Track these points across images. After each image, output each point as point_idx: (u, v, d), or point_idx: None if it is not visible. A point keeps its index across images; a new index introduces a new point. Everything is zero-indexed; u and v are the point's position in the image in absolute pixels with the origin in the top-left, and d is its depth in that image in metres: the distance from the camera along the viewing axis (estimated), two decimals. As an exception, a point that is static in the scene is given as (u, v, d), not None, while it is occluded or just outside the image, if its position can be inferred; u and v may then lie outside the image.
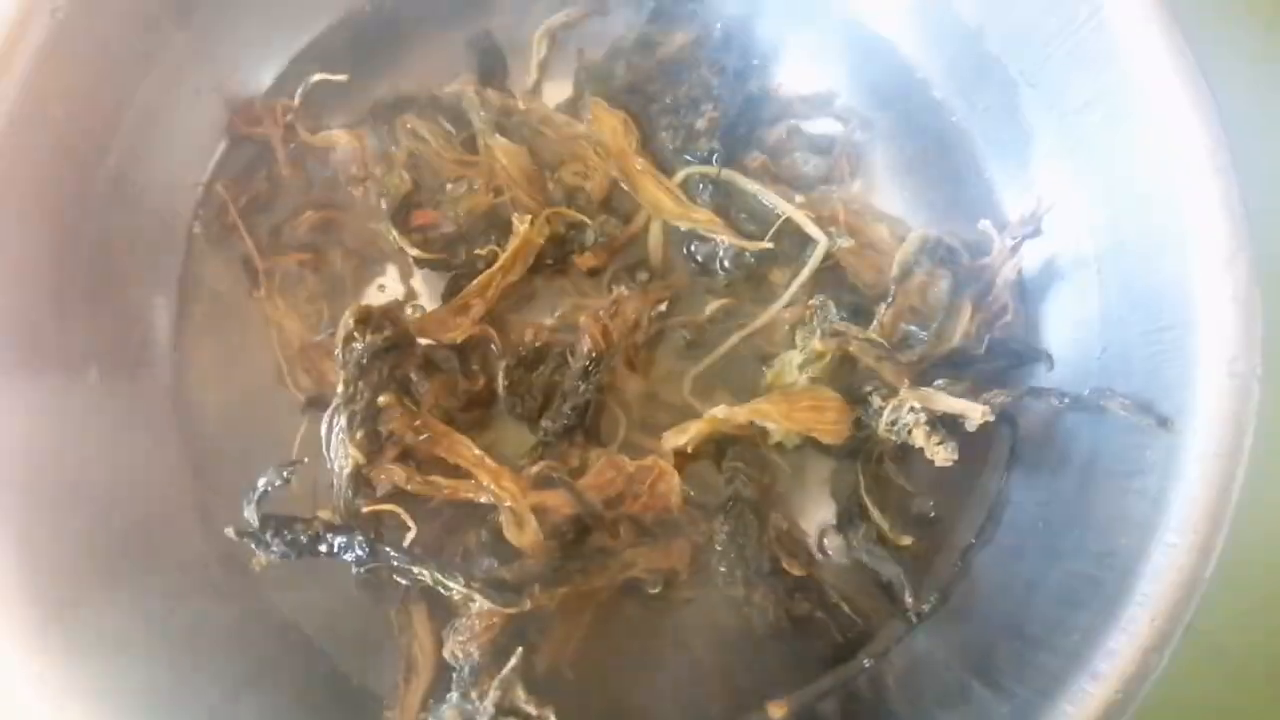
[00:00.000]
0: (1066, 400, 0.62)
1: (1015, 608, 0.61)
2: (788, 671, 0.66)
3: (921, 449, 0.63)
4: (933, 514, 0.68)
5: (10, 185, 0.59)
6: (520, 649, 0.49)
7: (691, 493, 0.66)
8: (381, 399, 0.60)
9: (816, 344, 0.65)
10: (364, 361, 0.60)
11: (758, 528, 0.66)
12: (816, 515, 0.69)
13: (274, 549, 0.56)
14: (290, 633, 0.66)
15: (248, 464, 0.66)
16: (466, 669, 0.52)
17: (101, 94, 0.64)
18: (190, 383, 0.70)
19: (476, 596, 0.54)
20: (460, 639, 0.55)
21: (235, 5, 0.69)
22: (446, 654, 0.55)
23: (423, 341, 0.66)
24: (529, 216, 0.67)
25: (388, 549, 0.56)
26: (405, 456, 0.62)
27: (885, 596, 0.67)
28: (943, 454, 0.62)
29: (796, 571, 0.66)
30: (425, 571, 0.55)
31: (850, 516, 0.67)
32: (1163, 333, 0.58)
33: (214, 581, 0.65)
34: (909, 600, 0.65)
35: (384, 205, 0.70)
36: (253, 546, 0.56)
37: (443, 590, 0.55)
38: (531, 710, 0.49)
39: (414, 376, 0.65)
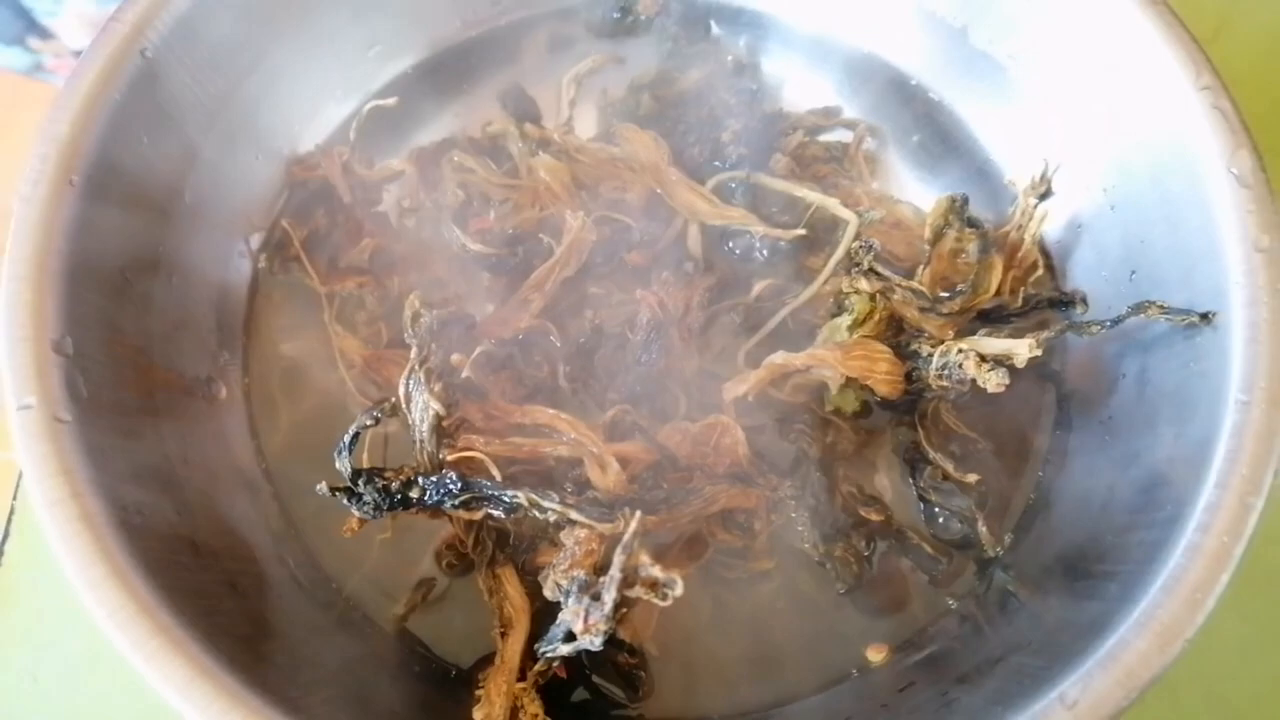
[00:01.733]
0: (1107, 324, 0.65)
1: (1098, 513, 0.61)
2: (877, 622, 0.64)
3: (971, 397, 0.66)
4: (996, 457, 0.69)
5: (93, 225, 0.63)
6: (639, 512, 0.49)
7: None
8: (454, 357, 0.62)
9: (863, 284, 0.68)
10: (435, 327, 0.63)
11: (827, 485, 0.67)
12: (881, 471, 0.70)
13: (366, 500, 0.56)
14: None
15: (317, 478, 0.69)
16: (575, 586, 0.51)
17: (180, 134, 0.69)
18: (262, 404, 0.72)
19: (573, 514, 0.54)
20: (562, 568, 0.54)
21: (291, 69, 0.77)
22: (548, 591, 0.54)
23: (481, 348, 0.69)
24: (580, 213, 0.71)
25: (480, 479, 0.56)
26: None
27: (962, 538, 0.66)
28: (995, 379, 0.63)
29: (874, 517, 0.66)
30: (520, 495, 0.55)
31: (914, 465, 0.68)
32: (1187, 236, 0.62)
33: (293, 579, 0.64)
34: (983, 531, 0.65)
35: (443, 215, 0.74)
36: (345, 502, 0.57)
37: (538, 514, 0.55)
38: (658, 574, 0.48)
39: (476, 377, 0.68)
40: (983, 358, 0.64)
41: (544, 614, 0.60)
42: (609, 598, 0.47)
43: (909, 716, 0.55)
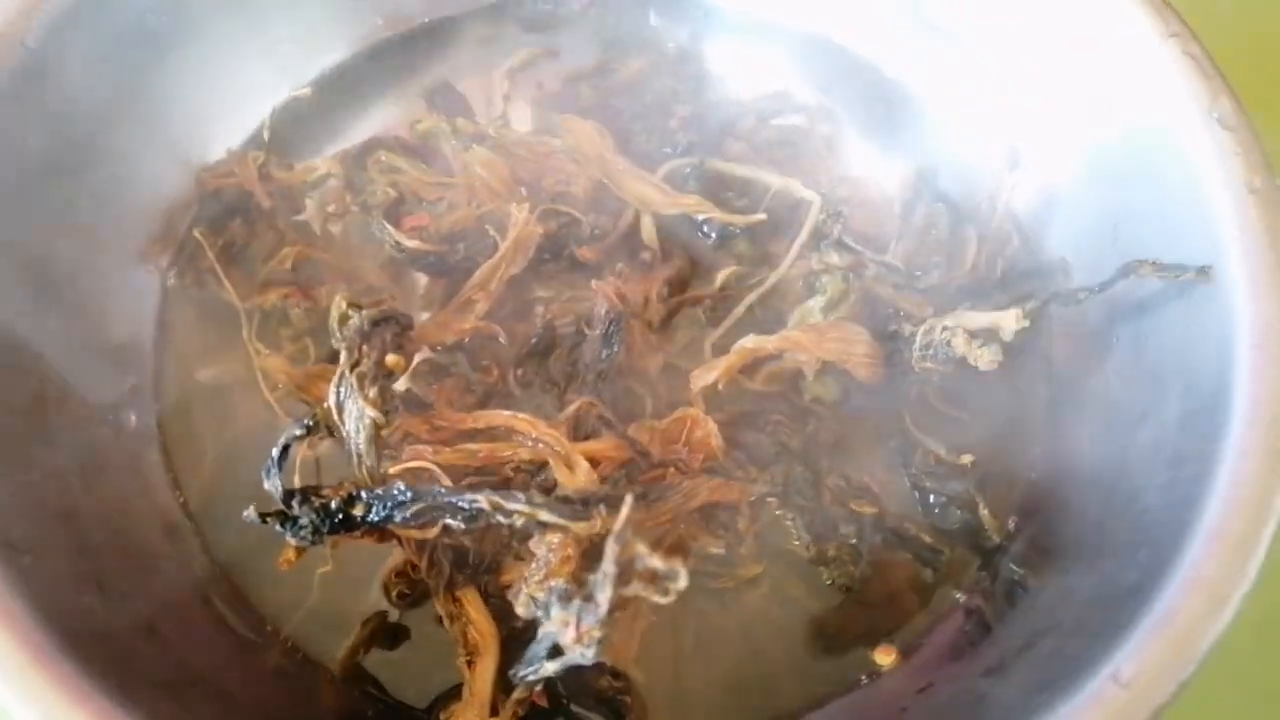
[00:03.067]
0: (1095, 290, 0.61)
1: (1113, 482, 0.56)
2: (880, 623, 0.59)
3: (956, 379, 0.62)
4: (990, 438, 0.64)
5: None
6: (631, 496, 0.42)
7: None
8: (389, 358, 0.55)
9: (834, 258, 0.63)
10: (365, 328, 0.56)
11: (812, 479, 0.62)
12: (867, 461, 0.64)
13: (302, 524, 0.49)
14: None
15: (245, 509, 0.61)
16: (555, 596, 0.44)
17: (72, 134, 0.62)
18: (177, 433, 0.64)
19: (543, 515, 0.48)
20: (536, 579, 0.47)
21: (197, 68, 0.70)
22: (522, 609, 0.47)
23: (426, 354, 0.62)
24: (525, 204, 0.65)
25: (432, 487, 0.49)
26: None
27: (962, 525, 0.61)
28: (987, 356, 0.59)
29: (867, 510, 0.61)
30: (481, 498, 0.48)
31: (904, 452, 0.63)
32: (1171, 190, 0.59)
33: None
34: (985, 515, 0.60)
35: (373, 215, 0.67)
36: (278, 528, 0.49)
37: (502, 519, 0.48)
38: (658, 565, 0.41)
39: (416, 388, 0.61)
40: (971, 334, 0.60)
41: (511, 640, 0.53)
42: (603, 597, 0.40)
43: (937, 718, 0.49)
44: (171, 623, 0.53)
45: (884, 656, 0.57)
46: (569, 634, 0.42)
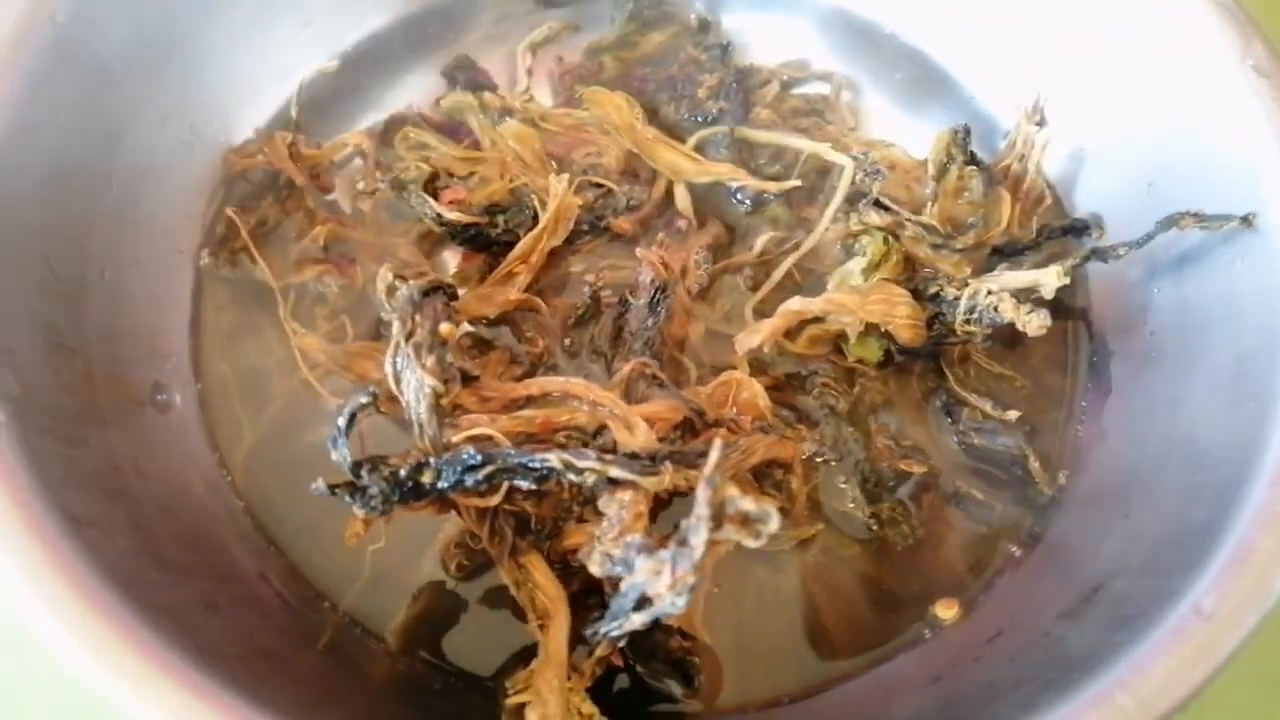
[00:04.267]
0: (1136, 244, 0.61)
1: (1166, 429, 0.56)
2: (938, 579, 0.59)
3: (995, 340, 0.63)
4: (1035, 395, 0.64)
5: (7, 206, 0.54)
6: (719, 442, 0.42)
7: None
8: (443, 327, 0.55)
9: (873, 218, 0.63)
10: (416, 298, 0.55)
11: (862, 441, 0.62)
12: (913, 421, 0.64)
13: (372, 493, 0.48)
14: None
15: (290, 487, 0.61)
16: (634, 549, 0.44)
17: (103, 113, 0.61)
18: (219, 412, 0.63)
19: (614, 471, 0.47)
20: (610, 536, 0.47)
21: (223, 46, 0.69)
22: (596, 567, 0.47)
23: (467, 328, 0.62)
24: (565, 176, 0.65)
25: (502, 449, 0.49)
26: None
27: (1012, 480, 0.62)
28: (1035, 322, 0.59)
29: (917, 469, 0.61)
30: (552, 457, 0.48)
31: (950, 410, 0.63)
32: (1208, 139, 0.60)
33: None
34: (1035, 468, 0.60)
35: (411, 190, 0.66)
36: (346, 499, 0.48)
37: (574, 477, 0.48)
38: (750, 507, 0.41)
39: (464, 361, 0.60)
40: (1018, 299, 0.60)
41: (575, 602, 0.53)
42: (698, 540, 0.40)
43: (1011, 664, 0.49)
44: (231, 599, 0.52)
45: (946, 610, 0.57)
46: (663, 581, 0.41)
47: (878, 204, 0.63)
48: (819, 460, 0.61)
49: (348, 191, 0.71)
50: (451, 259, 0.70)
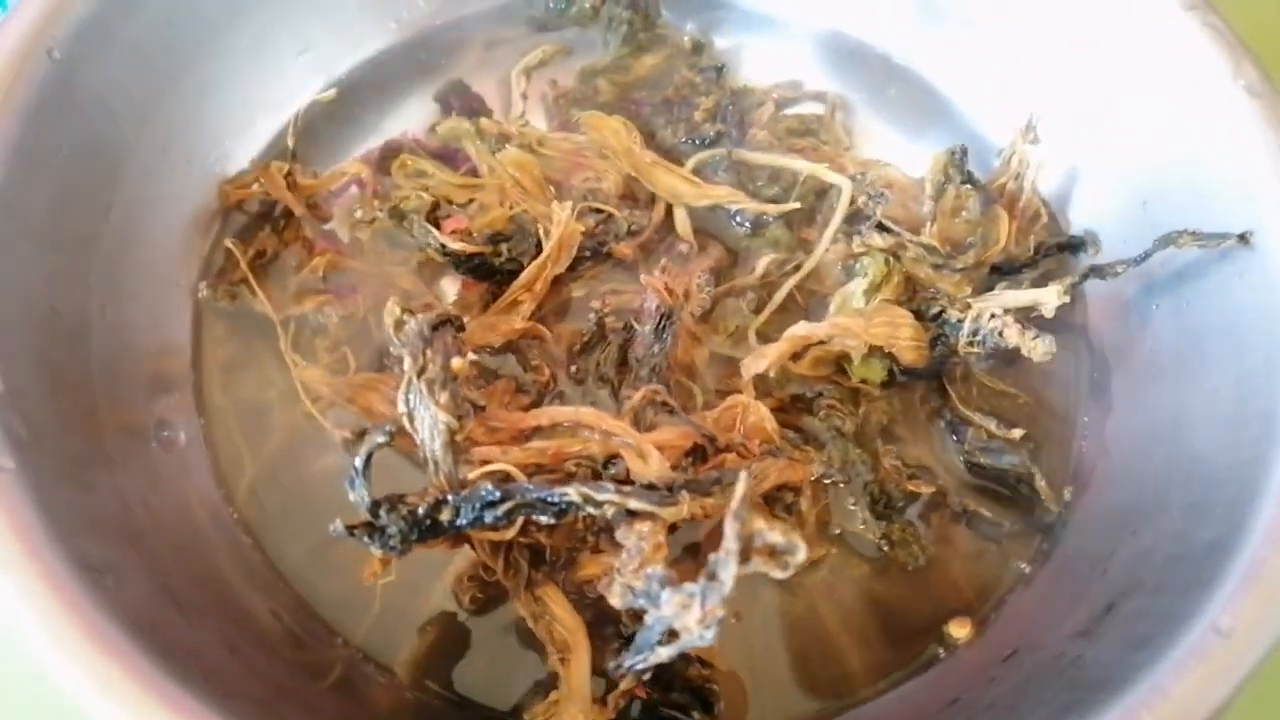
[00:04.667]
0: (1134, 261, 0.62)
1: (1169, 446, 0.57)
2: (949, 599, 0.59)
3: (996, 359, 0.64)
4: (1036, 411, 0.65)
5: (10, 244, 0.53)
6: (745, 473, 0.42)
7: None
8: (455, 362, 0.54)
9: (876, 240, 0.64)
10: (426, 333, 0.55)
11: (870, 462, 0.62)
12: (917, 441, 0.64)
13: (391, 533, 0.47)
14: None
15: (297, 522, 0.60)
16: (655, 583, 0.44)
17: (102, 147, 0.61)
18: (223, 448, 0.62)
19: (632, 503, 0.47)
20: (630, 568, 0.47)
21: (218, 77, 0.69)
22: (617, 599, 0.47)
23: (471, 357, 0.61)
24: (568, 203, 0.65)
25: (520, 484, 0.48)
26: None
27: (1019, 498, 0.62)
28: (1041, 348, 0.60)
29: (925, 490, 0.61)
30: (570, 491, 0.48)
31: (955, 430, 0.64)
32: (1202, 159, 0.61)
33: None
34: (1042, 486, 0.61)
35: (413, 220, 0.66)
36: (365, 540, 0.48)
37: (592, 510, 0.48)
38: (778, 539, 0.41)
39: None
40: (1022, 324, 0.61)
41: (590, 633, 0.53)
42: (727, 575, 0.40)
43: (1029, 685, 0.50)
44: (248, 639, 0.51)
45: (959, 629, 0.57)
46: (692, 615, 0.41)
47: (880, 226, 0.64)
48: (827, 482, 0.61)
49: (346, 220, 0.71)
50: (451, 286, 0.69)
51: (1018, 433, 0.62)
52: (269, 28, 0.71)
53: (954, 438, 0.64)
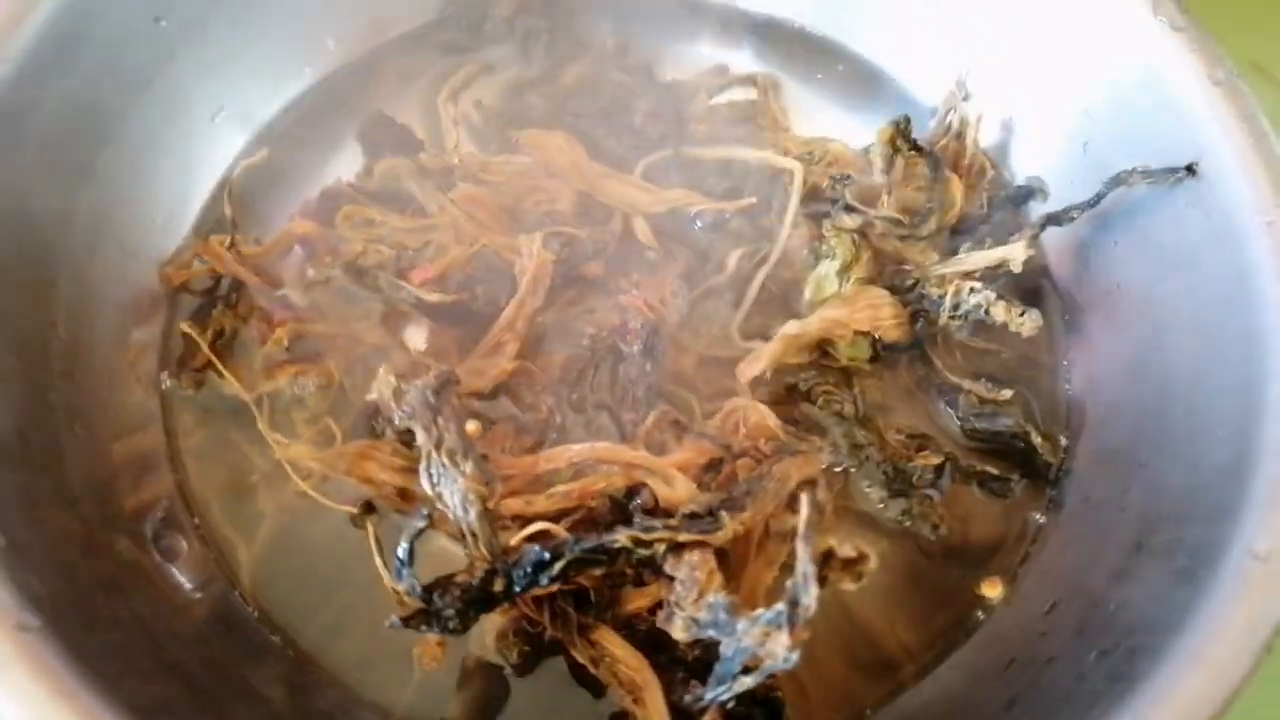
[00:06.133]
0: (1088, 204, 0.63)
1: (1160, 374, 0.59)
2: (975, 563, 0.61)
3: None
4: (1019, 363, 0.67)
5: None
6: (808, 496, 0.42)
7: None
8: (470, 426, 0.53)
9: (846, 221, 0.64)
10: (430, 398, 0.53)
11: (876, 441, 0.63)
12: (912, 412, 0.66)
13: (447, 615, 0.46)
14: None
15: (313, 608, 0.58)
16: (722, 609, 0.44)
17: (31, 259, 0.57)
18: (224, 541, 0.60)
19: (682, 535, 0.47)
20: (690, 600, 0.47)
21: (134, 161, 0.65)
22: (681, 632, 0.47)
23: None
24: (537, 235, 0.63)
25: (567, 539, 0.48)
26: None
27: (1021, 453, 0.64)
28: (1029, 324, 0.61)
29: (934, 461, 0.62)
30: (619, 536, 0.47)
31: (946, 397, 0.65)
32: (1131, 96, 0.63)
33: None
34: (1039, 442, 0.63)
35: (380, 277, 0.64)
36: (422, 629, 0.46)
37: (643, 550, 0.47)
38: (851, 552, 0.41)
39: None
40: (1008, 300, 0.62)
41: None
42: (809, 599, 0.40)
43: (1085, 636, 0.51)
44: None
45: (991, 589, 0.59)
46: (779, 642, 0.41)
47: (848, 208, 0.65)
48: (838, 470, 0.62)
49: (298, 283, 0.68)
50: (418, 334, 0.67)
51: (1007, 393, 0.64)
52: (176, 97, 0.67)
53: (945, 405, 0.65)
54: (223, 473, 0.62)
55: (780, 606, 0.41)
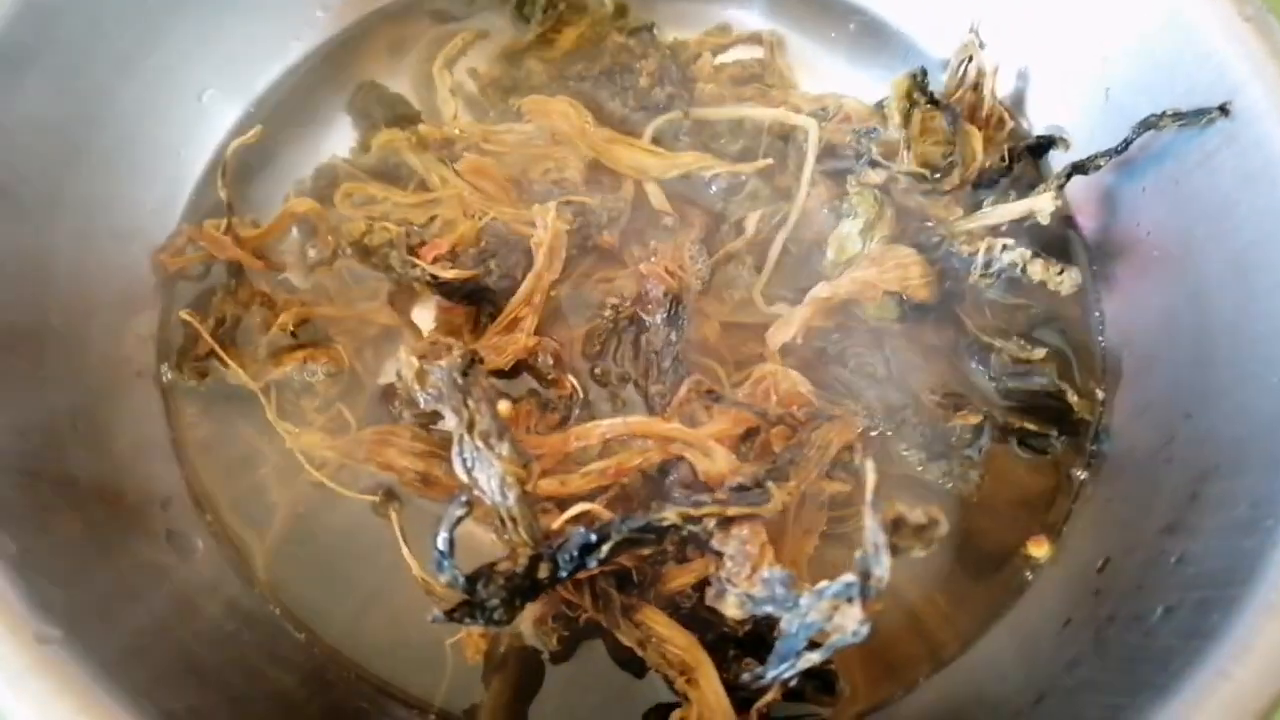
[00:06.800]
0: (1116, 150, 0.61)
1: (1197, 318, 0.57)
2: (1019, 522, 0.59)
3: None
4: (1048, 317, 0.65)
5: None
6: (871, 463, 0.40)
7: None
8: (501, 406, 0.50)
9: (871, 176, 0.62)
10: (458, 379, 0.50)
11: (913, 399, 0.61)
12: (946, 372, 0.64)
13: (492, 605, 0.44)
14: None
15: (335, 601, 0.56)
16: (779, 582, 0.42)
17: (24, 247, 0.54)
18: (240, 539, 0.57)
19: (732, 509, 0.45)
20: (743, 576, 0.45)
21: (122, 143, 0.61)
22: (734, 609, 0.45)
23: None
24: (551, 205, 0.61)
25: (614, 520, 0.45)
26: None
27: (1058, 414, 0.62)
28: (1069, 281, 0.60)
29: (972, 420, 0.61)
30: (668, 513, 0.45)
31: (977, 356, 0.64)
32: (1155, 38, 0.61)
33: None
34: (1074, 400, 0.61)
35: (391, 255, 0.61)
36: (467, 621, 0.44)
37: (692, 527, 0.45)
38: (922, 518, 0.39)
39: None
40: (1041, 257, 0.60)
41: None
42: (882, 570, 0.38)
43: (1144, 592, 0.50)
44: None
45: (1037, 548, 0.58)
46: (850, 616, 0.39)
47: (873, 163, 0.62)
48: (873, 434, 0.60)
49: (299, 265, 0.65)
50: (425, 312, 0.65)
51: (1040, 351, 0.62)
52: (162, 77, 0.63)
53: (977, 364, 0.63)
54: (232, 466, 0.60)
55: (849, 578, 0.39)
